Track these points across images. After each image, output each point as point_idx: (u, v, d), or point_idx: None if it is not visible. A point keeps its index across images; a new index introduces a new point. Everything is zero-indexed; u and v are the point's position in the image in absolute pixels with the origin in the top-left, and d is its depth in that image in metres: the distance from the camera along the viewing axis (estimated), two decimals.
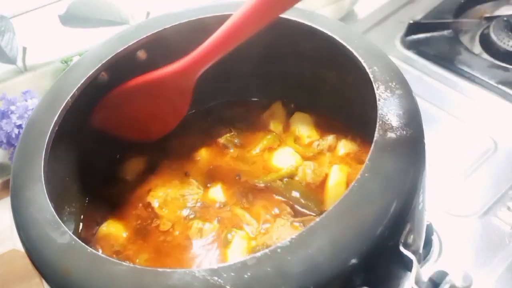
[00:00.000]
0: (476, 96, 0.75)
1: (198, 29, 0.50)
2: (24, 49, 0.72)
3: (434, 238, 0.57)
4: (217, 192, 0.50)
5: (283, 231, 0.44)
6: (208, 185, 0.51)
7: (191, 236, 0.46)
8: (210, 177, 0.52)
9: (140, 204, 0.50)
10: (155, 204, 0.49)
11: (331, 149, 0.53)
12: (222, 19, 0.48)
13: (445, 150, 0.68)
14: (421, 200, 0.35)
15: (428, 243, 0.56)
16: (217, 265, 0.29)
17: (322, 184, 0.49)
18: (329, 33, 0.44)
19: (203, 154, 0.54)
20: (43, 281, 0.33)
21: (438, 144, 0.69)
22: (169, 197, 0.49)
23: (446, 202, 0.61)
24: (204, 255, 0.45)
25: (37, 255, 0.33)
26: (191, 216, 0.48)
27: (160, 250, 0.46)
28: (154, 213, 0.48)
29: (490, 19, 0.86)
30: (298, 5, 0.42)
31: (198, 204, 0.49)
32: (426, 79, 0.79)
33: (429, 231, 0.56)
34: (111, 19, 0.77)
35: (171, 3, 0.79)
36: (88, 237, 0.48)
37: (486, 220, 0.59)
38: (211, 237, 0.46)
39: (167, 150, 0.55)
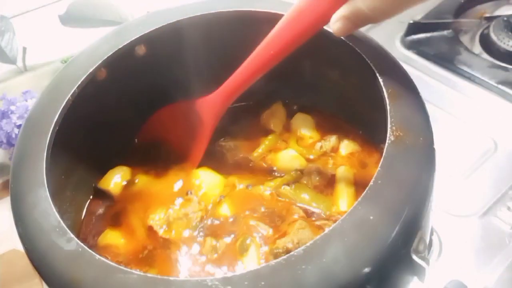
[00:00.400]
0: (476, 96, 0.75)
1: (198, 25, 0.49)
2: (24, 49, 0.72)
3: (434, 238, 0.57)
4: (225, 208, 0.48)
5: (303, 234, 0.43)
6: (218, 199, 0.49)
7: (205, 253, 0.44)
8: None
9: (142, 228, 0.48)
10: (159, 230, 0.46)
11: (334, 150, 0.52)
12: (223, 15, 0.49)
13: (445, 150, 0.68)
14: (430, 206, 0.35)
15: (428, 243, 0.56)
16: (230, 274, 0.28)
17: (329, 185, 0.49)
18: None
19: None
20: (43, 282, 0.32)
21: (437, 144, 0.68)
22: (171, 218, 0.47)
23: (446, 202, 0.61)
24: (220, 267, 0.43)
25: (43, 265, 0.32)
26: (201, 234, 0.46)
27: (172, 267, 0.44)
28: (159, 237, 0.46)
29: (490, 19, 0.86)
30: None
31: (208, 222, 0.47)
32: (426, 79, 0.79)
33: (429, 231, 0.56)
34: (111, 19, 0.77)
35: (170, 3, 0.80)
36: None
37: (486, 220, 0.59)
38: (226, 249, 0.44)
39: (155, 161, 0.53)
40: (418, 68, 0.81)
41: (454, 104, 0.74)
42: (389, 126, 0.36)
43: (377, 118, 0.39)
